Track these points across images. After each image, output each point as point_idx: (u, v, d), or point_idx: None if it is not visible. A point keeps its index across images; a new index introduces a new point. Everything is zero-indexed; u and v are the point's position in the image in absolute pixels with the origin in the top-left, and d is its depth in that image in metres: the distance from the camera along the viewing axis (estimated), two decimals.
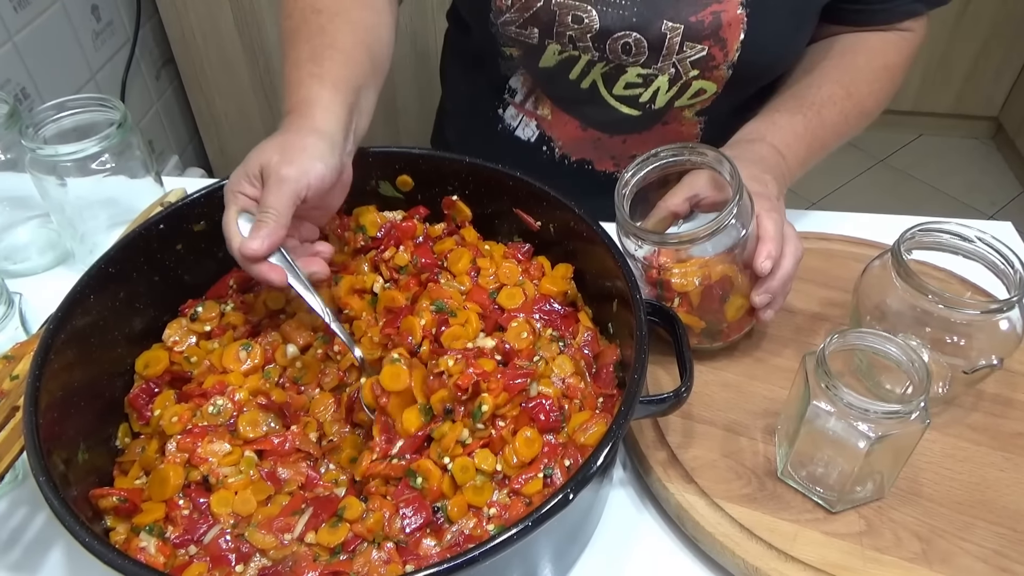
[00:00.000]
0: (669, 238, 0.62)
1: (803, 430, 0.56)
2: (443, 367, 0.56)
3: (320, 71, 0.63)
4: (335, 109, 0.61)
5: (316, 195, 0.58)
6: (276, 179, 0.56)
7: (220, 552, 0.50)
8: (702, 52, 0.77)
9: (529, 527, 0.43)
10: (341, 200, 0.64)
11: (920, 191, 2.31)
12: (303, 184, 0.56)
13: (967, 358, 0.60)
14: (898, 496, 0.59)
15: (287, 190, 0.56)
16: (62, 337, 0.54)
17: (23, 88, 1.34)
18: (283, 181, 0.56)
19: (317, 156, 0.57)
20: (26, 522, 0.60)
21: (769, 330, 0.72)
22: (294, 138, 0.58)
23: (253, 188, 0.58)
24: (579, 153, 0.90)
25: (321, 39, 0.66)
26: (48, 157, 0.72)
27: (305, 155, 0.57)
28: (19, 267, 0.82)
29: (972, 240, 0.61)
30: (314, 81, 0.62)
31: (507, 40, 0.81)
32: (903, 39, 0.83)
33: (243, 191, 0.58)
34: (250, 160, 0.58)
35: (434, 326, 0.60)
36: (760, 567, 0.54)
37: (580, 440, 0.55)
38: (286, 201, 0.56)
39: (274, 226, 0.55)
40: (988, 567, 0.54)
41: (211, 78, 1.78)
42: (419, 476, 0.53)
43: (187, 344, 0.63)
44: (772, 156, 0.72)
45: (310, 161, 0.57)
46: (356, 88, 0.64)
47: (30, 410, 0.49)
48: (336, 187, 0.62)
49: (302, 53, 0.65)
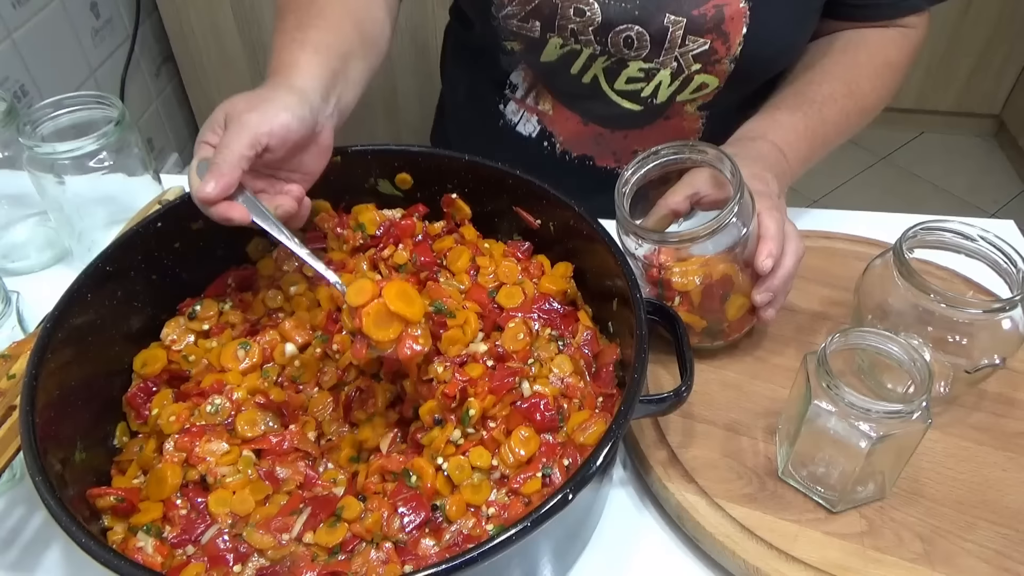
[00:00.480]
0: (669, 237, 0.62)
1: (804, 430, 0.56)
2: (432, 374, 0.56)
3: (303, 37, 0.64)
4: (313, 71, 0.62)
5: (280, 144, 0.58)
6: (236, 124, 0.56)
7: (218, 552, 0.50)
8: (704, 46, 0.76)
9: (528, 527, 0.43)
10: (320, 165, 0.63)
11: (922, 189, 2.30)
12: (263, 130, 0.56)
13: (969, 357, 0.59)
14: (900, 496, 0.59)
15: (245, 133, 0.55)
16: (59, 336, 0.54)
17: (22, 85, 1.33)
18: (243, 126, 0.56)
19: (282, 107, 0.57)
20: (24, 522, 0.60)
21: (770, 329, 0.71)
22: (263, 92, 0.59)
23: (216, 136, 0.57)
24: (580, 149, 0.90)
25: (308, 10, 0.67)
26: (46, 155, 0.71)
27: (270, 104, 0.57)
28: (17, 265, 0.82)
29: (974, 239, 0.61)
30: (295, 46, 0.63)
31: (508, 34, 0.81)
32: (905, 36, 0.82)
33: (207, 140, 0.58)
34: (217, 111, 0.58)
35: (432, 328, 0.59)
36: (761, 567, 0.54)
37: (579, 440, 0.55)
38: (243, 143, 0.55)
39: (227, 167, 0.55)
40: (990, 567, 0.54)
41: (211, 75, 1.78)
42: (413, 475, 0.53)
43: (185, 343, 0.63)
44: (773, 154, 0.72)
45: (274, 109, 0.57)
46: (341, 55, 0.65)
47: (27, 409, 0.49)
48: (311, 148, 0.61)
49: (288, 23, 0.66)
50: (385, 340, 0.53)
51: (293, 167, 0.61)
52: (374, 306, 0.53)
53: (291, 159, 0.61)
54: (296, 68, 0.62)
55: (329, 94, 0.62)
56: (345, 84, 0.65)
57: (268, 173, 0.61)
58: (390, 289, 0.53)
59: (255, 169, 0.58)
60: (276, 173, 0.61)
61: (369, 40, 0.70)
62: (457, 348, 0.59)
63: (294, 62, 0.62)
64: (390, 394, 0.59)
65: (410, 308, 0.54)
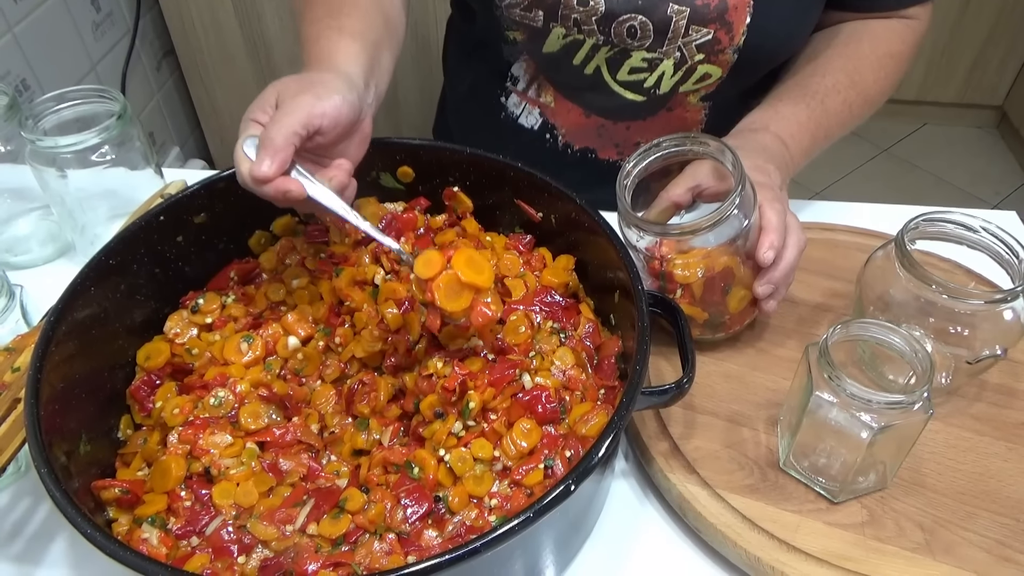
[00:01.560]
0: (671, 229, 0.62)
1: (805, 421, 0.56)
2: (432, 369, 0.56)
3: (339, 25, 0.63)
4: (354, 57, 0.61)
5: (332, 127, 0.56)
6: (290, 104, 0.55)
7: (222, 543, 0.51)
8: (708, 36, 0.76)
9: (531, 518, 0.43)
10: (361, 153, 0.62)
11: (924, 181, 2.30)
12: (317, 111, 0.55)
13: (971, 348, 0.60)
14: (901, 486, 0.59)
15: (300, 113, 0.54)
16: (63, 329, 0.54)
17: (23, 79, 1.33)
18: (297, 106, 0.55)
19: (334, 89, 0.57)
20: (29, 514, 0.61)
21: (772, 321, 0.72)
22: (313, 75, 0.58)
23: (266, 116, 0.56)
24: (582, 141, 0.90)
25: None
26: (48, 149, 0.71)
27: (323, 87, 0.56)
28: (20, 259, 0.82)
29: (976, 230, 0.61)
30: (332, 33, 0.63)
31: (511, 23, 0.80)
32: (907, 27, 0.82)
33: (256, 118, 0.56)
34: (267, 91, 0.57)
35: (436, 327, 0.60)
36: (762, 557, 0.54)
37: (581, 431, 0.55)
38: (297, 122, 0.54)
39: (281, 143, 0.53)
40: (991, 557, 0.54)
41: (212, 69, 1.78)
42: (415, 466, 0.53)
43: (188, 336, 0.63)
44: (775, 146, 0.72)
45: (327, 92, 0.56)
46: (374, 43, 0.64)
47: (31, 402, 0.49)
48: (355, 136, 0.61)
49: (318, 11, 0.65)
50: (458, 310, 0.53)
51: (336, 155, 0.60)
52: (444, 278, 0.52)
53: (336, 146, 0.59)
54: (338, 54, 0.61)
55: (370, 81, 0.62)
56: (380, 72, 0.65)
57: (313, 159, 0.60)
58: (459, 259, 0.53)
59: (299, 155, 0.56)
60: (320, 161, 0.60)
61: (393, 28, 0.70)
62: (458, 342, 0.59)
63: (335, 49, 0.62)
64: (392, 387, 0.59)
65: (480, 276, 0.53)
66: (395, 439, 0.58)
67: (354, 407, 0.59)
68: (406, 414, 0.59)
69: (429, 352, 0.58)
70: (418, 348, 0.59)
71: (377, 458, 0.56)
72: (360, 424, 0.58)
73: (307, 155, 0.59)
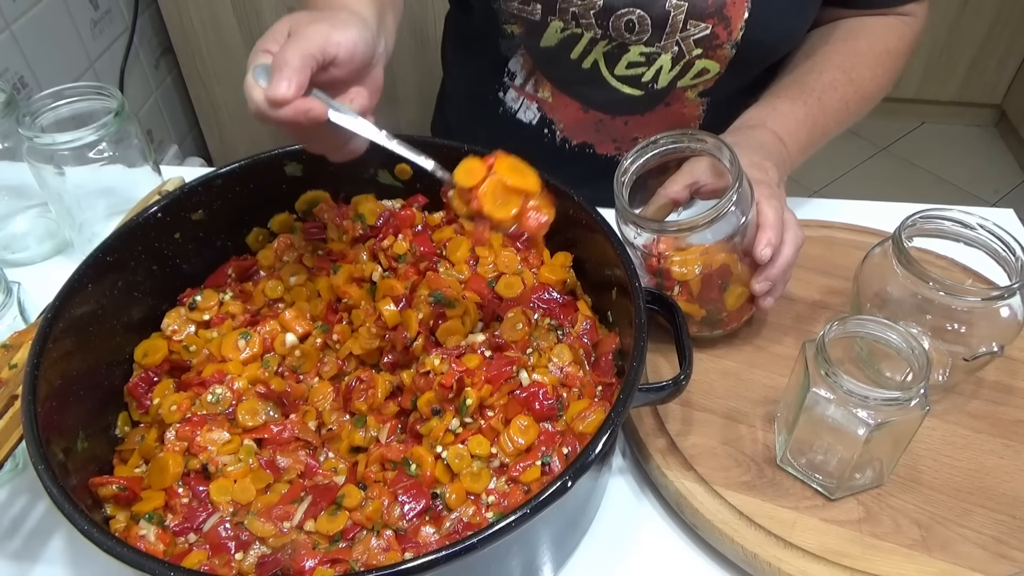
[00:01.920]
0: (668, 226, 0.62)
1: (802, 417, 0.56)
2: (429, 366, 0.56)
3: None
4: (366, 4, 0.59)
5: (347, 60, 0.53)
6: (304, 31, 0.51)
7: (220, 540, 0.51)
8: (706, 30, 0.76)
9: (528, 514, 0.43)
10: (372, 104, 0.57)
11: (923, 179, 2.30)
12: (334, 39, 0.52)
13: (967, 345, 0.60)
14: (897, 483, 0.59)
15: (316, 39, 0.51)
16: (60, 326, 0.54)
17: (21, 77, 1.33)
18: (313, 32, 0.51)
19: (348, 23, 0.53)
20: (26, 511, 0.61)
21: (769, 318, 0.72)
22: (326, 12, 0.55)
23: (278, 46, 0.52)
24: (580, 136, 0.90)
25: None
26: (46, 146, 0.71)
27: (337, 19, 0.53)
28: (17, 256, 0.82)
29: (973, 227, 0.61)
30: None
31: (509, 17, 0.80)
32: (905, 24, 0.82)
33: (267, 48, 0.53)
34: (278, 24, 0.54)
35: (431, 319, 0.60)
36: (759, 554, 0.54)
37: (579, 428, 0.55)
38: (314, 45, 0.50)
39: (299, 64, 0.49)
40: (987, 553, 0.54)
41: (210, 67, 1.77)
42: (413, 463, 0.53)
43: (186, 333, 0.63)
44: (773, 143, 0.72)
45: (343, 24, 0.53)
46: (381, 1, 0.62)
47: (28, 399, 0.49)
48: (366, 82, 0.57)
49: None
50: (507, 217, 0.50)
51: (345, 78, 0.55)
52: (489, 184, 0.50)
53: (348, 87, 0.55)
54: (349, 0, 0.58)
55: (380, 31, 0.59)
56: (386, 30, 0.62)
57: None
58: (502, 163, 0.50)
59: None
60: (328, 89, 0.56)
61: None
62: (456, 339, 0.59)
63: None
64: (390, 384, 0.59)
65: (526, 179, 0.51)
66: (392, 436, 0.58)
67: (352, 404, 0.59)
68: (403, 411, 0.59)
69: (427, 349, 0.59)
70: (416, 345, 0.59)
71: (374, 455, 0.56)
72: (357, 421, 0.58)
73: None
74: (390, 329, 0.61)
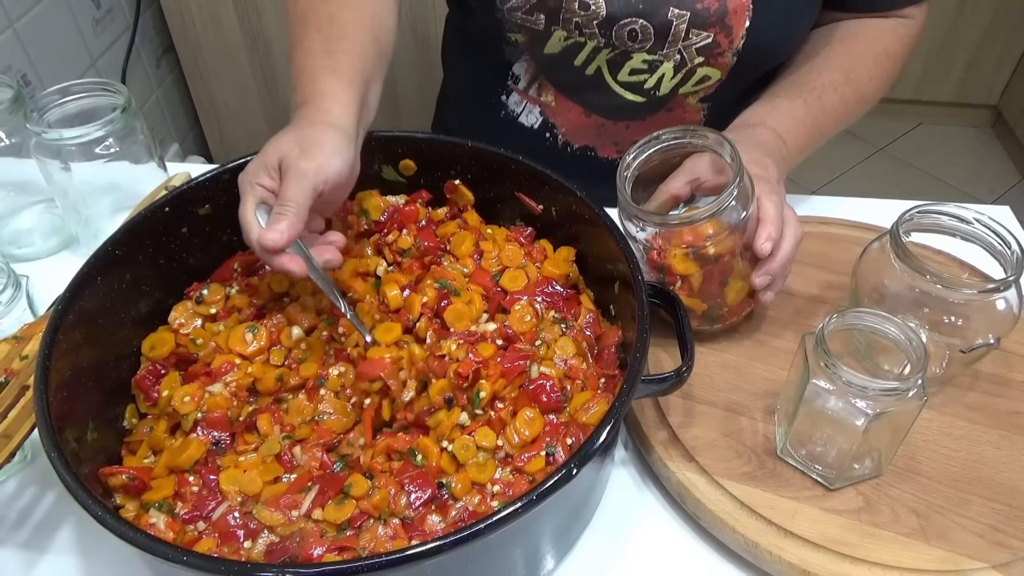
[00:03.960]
0: (670, 219, 0.62)
1: (802, 409, 0.57)
2: (445, 350, 0.57)
3: (334, 64, 0.63)
4: (349, 103, 0.62)
5: (332, 189, 0.59)
6: (296, 172, 0.56)
7: (228, 528, 0.51)
8: (708, 39, 0.77)
9: (533, 501, 0.44)
10: (348, 193, 0.64)
11: (920, 180, 2.31)
12: (321, 179, 0.57)
13: (964, 338, 0.60)
14: (896, 473, 0.60)
15: (307, 184, 0.56)
16: (71, 318, 0.55)
17: (24, 75, 1.34)
18: (303, 175, 0.56)
19: (335, 151, 0.58)
20: (35, 502, 0.61)
21: (769, 313, 0.72)
22: (311, 132, 0.59)
23: (271, 180, 0.58)
24: (582, 140, 0.91)
25: (331, 30, 0.66)
26: (52, 141, 0.72)
27: (323, 150, 0.58)
28: (23, 252, 0.83)
29: (970, 221, 0.62)
30: (328, 74, 0.63)
31: (512, 26, 0.81)
32: (903, 26, 0.83)
33: (261, 183, 0.58)
34: (268, 152, 0.58)
35: (436, 303, 0.60)
36: (760, 543, 0.55)
37: (582, 419, 0.56)
38: (305, 194, 0.56)
39: (294, 219, 0.56)
40: (984, 542, 0.55)
41: (211, 66, 1.78)
42: (419, 454, 0.54)
43: (193, 326, 0.64)
44: (772, 140, 0.73)
45: (328, 156, 0.58)
46: (366, 81, 0.65)
47: (40, 388, 0.50)
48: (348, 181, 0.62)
49: (314, 43, 0.65)
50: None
51: (328, 198, 0.61)
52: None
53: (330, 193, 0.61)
54: (333, 100, 0.61)
55: (359, 124, 0.63)
56: (368, 109, 0.66)
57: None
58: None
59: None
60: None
61: (384, 56, 0.70)
62: (464, 323, 0.59)
63: (330, 93, 0.61)
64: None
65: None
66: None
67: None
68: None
69: (439, 333, 0.59)
70: (419, 326, 0.60)
71: (380, 445, 0.56)
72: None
73: None
74: (392, 311, 0.61)
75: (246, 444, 0.57)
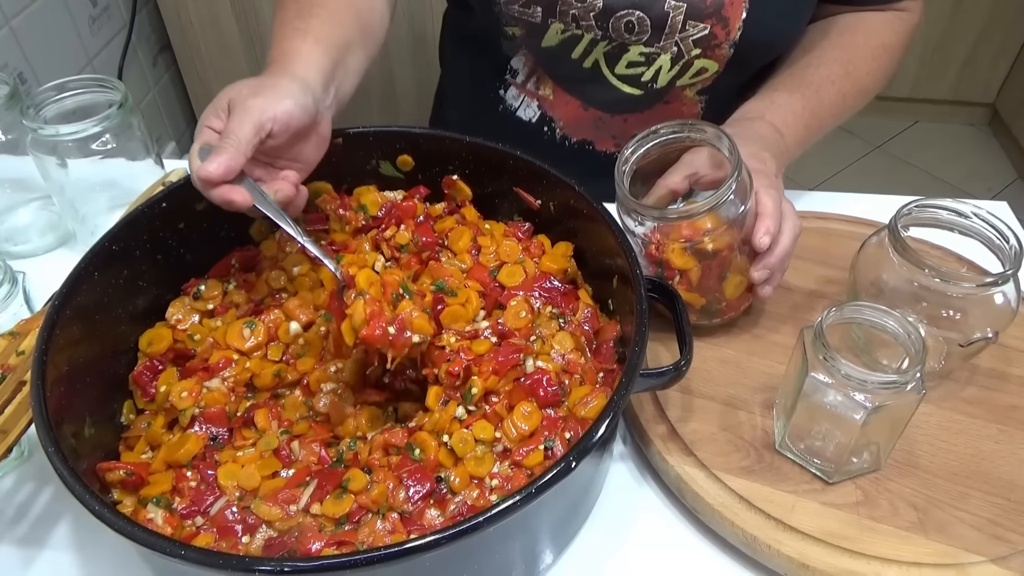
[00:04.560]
0: (669, 213, 0.62)
1: (801, 403, 0.57)
2: (444, 341, 0.57)
3: (304, 26, 0.64)
4: (315, 60, 0.62)
5: (283, 131, 0.58)
6: (240, 108, 0.57)
7: (226, 523, 0.51)
8: (704, 31, 0.77)
9: (532, 495, 0.44)
10: (318, 156, 0.64)
11: (917, 178, 2.31)
12: (268, 115, 0.57)
13: (962, 332, 0.61)
14: (894, 468, 0.60)
15: (249, 118, 0.56)
16: (67, 313, 0.54)
17: (20, 73, 1.33)
18: (247, 110, 0.56)
19: (286, 93, 0.58)
20: (32, 497, 0.61)
21: (767, 307, 0.72)
22: (266, 79, 0.59)
23: (220, 122, 0.58)
24: (580, 133, 0.91)
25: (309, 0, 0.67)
26: (49, 137, 0.72)
27: (273, 91, 0.58)
28: (20, 249, 0.83)
29: (968, 215, 0.62)
30: (297, 35, 0.64)
31: (510, 19, 0.81)
32: (900, 19, 0.83)
33: (210, 125, 0.58)
34: (220, 96, 0.59)
35: (432, 306, 0.60)
36: (759, 536, 0.55)
37: (581, 413, 0.56)
38: (248, 128, 0.56)
39: (232, 151, 0.55)
40: (983, 535, 0.55)
41: (208, 64, 1.78)
42: (417, 448, 0.54)
43: (190, 322, 0.64)
44: (771, 134, 0.73)
45: (279, 97, 0.58)
46: (340, 45, 0.65)
47: (37, 383, 0.49)
48: (311, 138, 0.62)
49: (288, 12, 0.67)
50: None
51: (292, 156, 0.62)
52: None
53: (291, 148, 0.61)
54: (298, 57, 0.62)
55: (329, 84, 0.63)
56: (344, 75, 0.66)
57: (266, 161, 0.62)
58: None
59: (254, 157, 0.58)
60: (274, 162, 0.62)
61: (368, 30, 0.71)
62: (460, 324, 0.59)
63: (295, 51, 0.63)
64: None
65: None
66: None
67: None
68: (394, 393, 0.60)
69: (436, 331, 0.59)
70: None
71: (378, 441, 0.56)
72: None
73: (261, 157, 0.60)
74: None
75: (244, 439, 0.57)
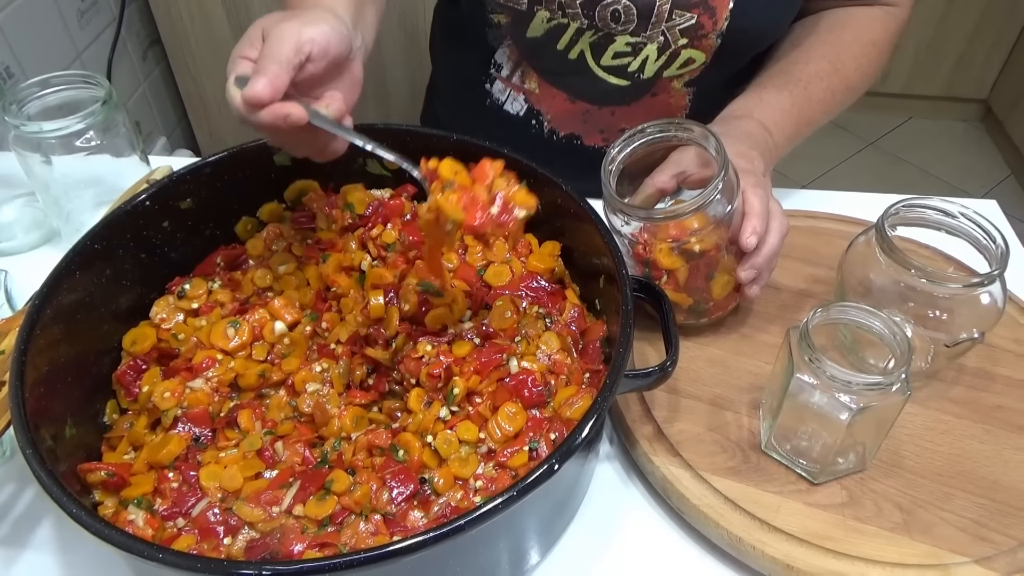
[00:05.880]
0: (655, 213, 0.62)
1: (787, 404, 0.57)
2: (421, 351, 0.57)
3: None
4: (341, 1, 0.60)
5: (321, 55, 0.55)
6: (277, 31, 0.53)
7: (208, 525, 0.51)
8: (691, 20, 0.77)
9: (515, 496, 0.44)
10: (353, 98, 0.60)
11: (910, 174, 2.32)
12: (306, 36, 0.53)
13: (949, 332, 0.60)
14: (880, 468, 0.60)
15: (288, 39, 0.53)
16: (48, 313, 0.54)
17: (7, 67, 1.32)
18: (285, 32, 0.53)
19: (322, 19, 0.55)
20: (14, 498, 0.61)
21: (755, 307, 0.72)
22: (298, 11, 0.57)
23: (254, 50, 0.54)
24: (568, 127, 0.90)
25: None
26: (32, 134, 0.71)
27: (308, 15, 0.55)
28: (4, 246, 0.82)
29: (955, 215, 0.62)
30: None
31: (496, 6, 0.81)
32: (889, 15, 0.83)
33: (244, 55, 0.55)
34: (251, 28, 0.56)
35: (417, 309, 0.60)
36: (744, 537, 0.55)
37: (566, 414, 0.56)
38: (287, 48, 0.52)
39: (276, 69, 0.51)
40: (967, 536, 0.55)
41: (199, 59, 1.76)
42: (400, 449, 0.54)
43: (174, 321, 0.63)
44: (759, 132, 0.72)
45: (314, 20, 0.55)
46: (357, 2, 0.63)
47: (16, 384, 0.49)
48: (344, 76, 0.59)
49: None
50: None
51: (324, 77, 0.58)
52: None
53: (327, 82, 0.58)
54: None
55: (356, 25, 0.60)
56: (365, 24, 0.64)
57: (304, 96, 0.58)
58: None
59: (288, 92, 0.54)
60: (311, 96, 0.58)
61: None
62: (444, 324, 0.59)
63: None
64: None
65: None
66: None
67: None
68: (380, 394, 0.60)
69: (414, 337, 0.59)
70: (396, 342, 0.59)
71: (361, 442, 0.56)
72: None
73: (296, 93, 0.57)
74: (374, 322, 0.61)
75: (227, 440, 0.56)
